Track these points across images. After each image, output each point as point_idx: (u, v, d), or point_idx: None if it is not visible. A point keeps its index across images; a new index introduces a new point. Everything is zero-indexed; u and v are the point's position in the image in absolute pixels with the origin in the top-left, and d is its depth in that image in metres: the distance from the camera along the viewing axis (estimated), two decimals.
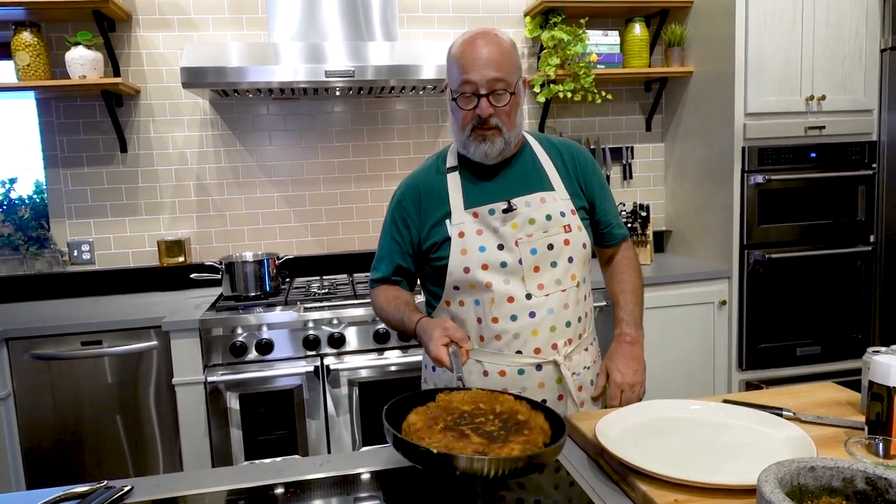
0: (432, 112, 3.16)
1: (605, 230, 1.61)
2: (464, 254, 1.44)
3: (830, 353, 2.95)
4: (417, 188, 1.53)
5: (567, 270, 1.47)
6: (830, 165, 2.86)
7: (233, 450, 2.40)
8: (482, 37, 1.40)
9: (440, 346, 1.29)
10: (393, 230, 1.55)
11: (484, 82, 1.37)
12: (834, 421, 1.22)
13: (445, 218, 1.47)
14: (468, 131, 1.42)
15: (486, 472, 0.91)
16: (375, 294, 1.59)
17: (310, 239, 3.11)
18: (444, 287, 1.48)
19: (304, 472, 1.20)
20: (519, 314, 1.43)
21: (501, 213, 1.45)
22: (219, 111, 2.98)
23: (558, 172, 1.53)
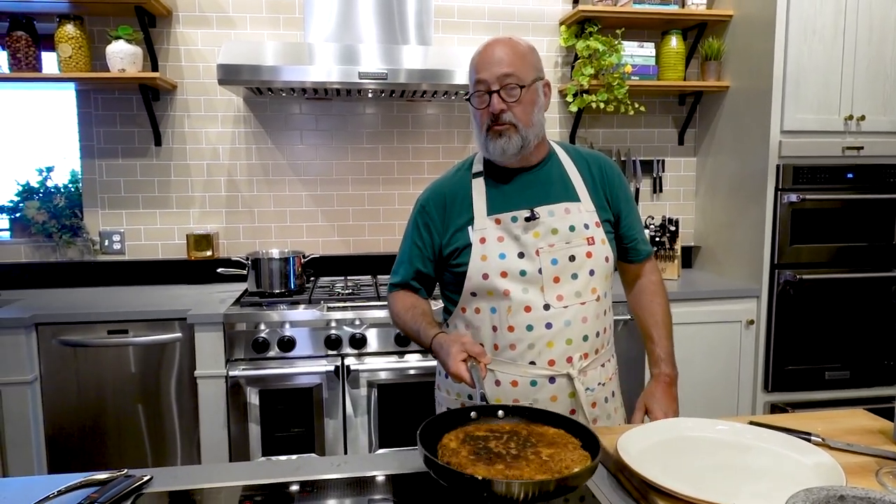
0: (463, 118, 3.16)
1: (629, 245, 1.58)
2: (483, 260, 1.43)
3: (860, 378, 2.88)
4: (442, 193, 1.53)
5: (588, 283, 1.45)
6: (867, 187, 2.79)
7: (250, 445, 2.41)
8: (497, 41, 1.44)
9: (459, 363, 1.27)
10: (415, 235, 1.55)
11: (494, 79, 1.39)
12: (864, 449, 1.19)
13: (468, 224, 1.47)
14: (485, 130, 1.43)
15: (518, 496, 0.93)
16: (393, 300, 1.59)
17: (336, 239, 3.12)
18: (462, 293, 1.47)
19: (322, 471, 1.20)
20: (535, 324, 1.42)
21: (524, 220, 1.43)
22: (252, 109, 3.02)
23: (585, 184, 1.52)
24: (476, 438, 1.10)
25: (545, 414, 1.18)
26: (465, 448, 1.06)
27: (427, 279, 1.57)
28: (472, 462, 1.01)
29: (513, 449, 1.05)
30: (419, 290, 1.58)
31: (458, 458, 1.02)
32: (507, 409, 1.20)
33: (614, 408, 1.55)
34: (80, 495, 1.07)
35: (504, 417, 1.19)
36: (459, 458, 1.02)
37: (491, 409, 1.20)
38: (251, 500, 1.11)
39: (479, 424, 1.17)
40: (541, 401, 1.42)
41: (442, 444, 1.08)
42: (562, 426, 1.14)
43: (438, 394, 1.62)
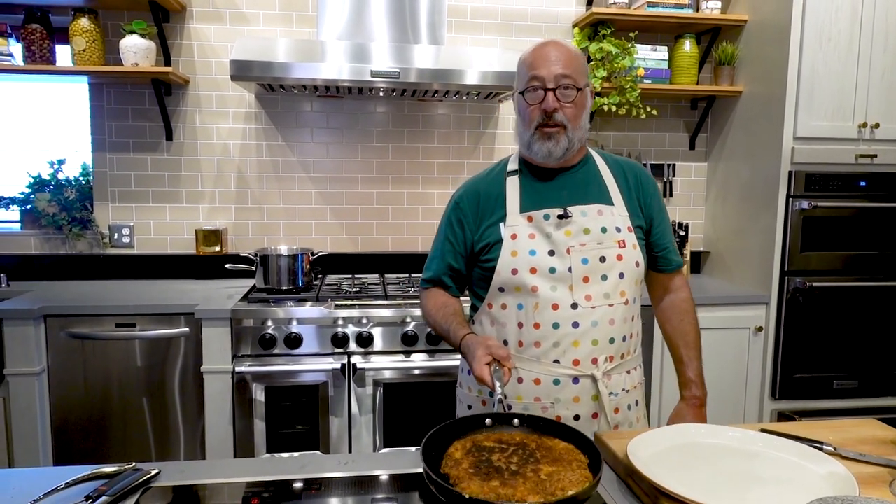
0: (474, 118, 3.16)
1: (660, 253, 1.58)
2: (513, 255, 1.44)
3: (868, 388, 2.85)
4: (477, 190, 1.54)
5: (617, 286, 1.45)
6: (880, 195, 2.77)
7: (255, 441, 2.41)
8: (553, 42, 1.45)
9: (483, 366, 1.28)
10: (448, 230, 1.56)
11: (552, 77, 1.40)
12: (877, 460, 1.18)
13: (500, 220, 1.48)
14: (533, 128, 1.43)
15: None
16: (425, 297, 1.60)
17: (344, 237, 3.12)
18: (489, 288, 1.48)
19: (327, 469, 1.19)
20: (562, 322, 1.41)
21: (556, 218, 1.44)
22: (263, 105, 3.02)
23: (619, 189, 1.53)
24: (481, 449, 1.11)
25: (558, 427, 1.18)
26: (467, 460, 1.08)
27: (459, 275, 1.58)
28: (470, 476, 1.03)
29: (513, 464, 1.07)
30: (450, 287, 1.59)
31: (458, 470, 1.05)
32: (521, 419, 1.21)
33: (637, 417, 1.53)
34: (88, 487, 1.07)
35: (519, 426, 1.20)
36: (459, 471, 1.04)
37: (506, 418, 1.21)
38: (257, 496, 1.11)
39: (491, 433, 1.18)
40: (563, 400, 1.42)
41: (448, 454, 1.10)
42: (573, 441, 1.14)
43: (460, 391, 1.63)
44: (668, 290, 1.63)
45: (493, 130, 3.18)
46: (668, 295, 1.63)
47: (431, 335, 2.45)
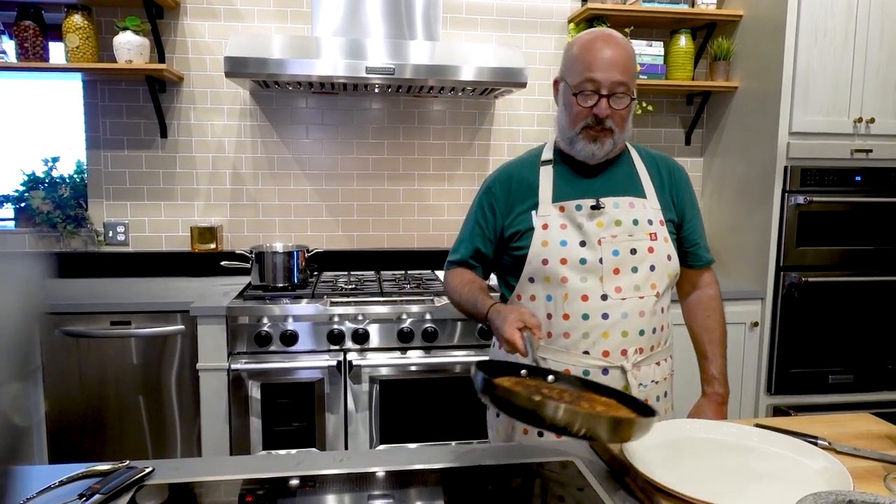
0: (469, 114, 3.15)
1: (690, 248, 1.59)
2: (544, 245, 1.44)
3: (863, 382, 2.86)
4: (510, 176, 1.54)
5: (647, 278, 1.45)
6: (876, 190, 2.78)
7: (251, 438, 2.41)
8: (609, 39, 1.41)
9: (514, 330, 1.26)
10: (479, 214, 1.56)
11: (608, 83, 1.39)
12: (871, 454, 1.18)
13: (532, 209, 1.48)
14: (579, 128, 1.43)
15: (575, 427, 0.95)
16: (450, 275, 1.61)
17: (340, 234, 3.12)
18: (520, 278, 1.48)
19: (323, 466, 1.19)
20: (591, 314, 1.42)
21: (589, 209, 1.45)
22: (258, 102, 3.01)
23: (653, 182, 1.53)
24: (529, 386, 1.12)
25: (595, 385, 1.19)
26: (519, 387, 1.08)
27: (486, 260, 1.58)
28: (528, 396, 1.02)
29: (566, 397, 1.08)
30: (476, 268, 1.59)
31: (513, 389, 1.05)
32: (557, 375, 1.21)
33: (665, 408, 1.54)
34: (82, 485, 1.07)
35: (554, 383, 1.20)
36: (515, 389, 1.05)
37: (541, 372, 1.21)
38: (252, 493, 1.11)
39: (530, 381, 1.18)
40: None
41: (496, 382, 1.09)
42: (613, 397, 1.15)
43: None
44: (697, 286, 1.63)
45: (489, 126, 3.17)
46: (696, 291, 1.63)
47: (428, 331, 2.45)
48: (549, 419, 0.95)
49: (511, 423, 1.52)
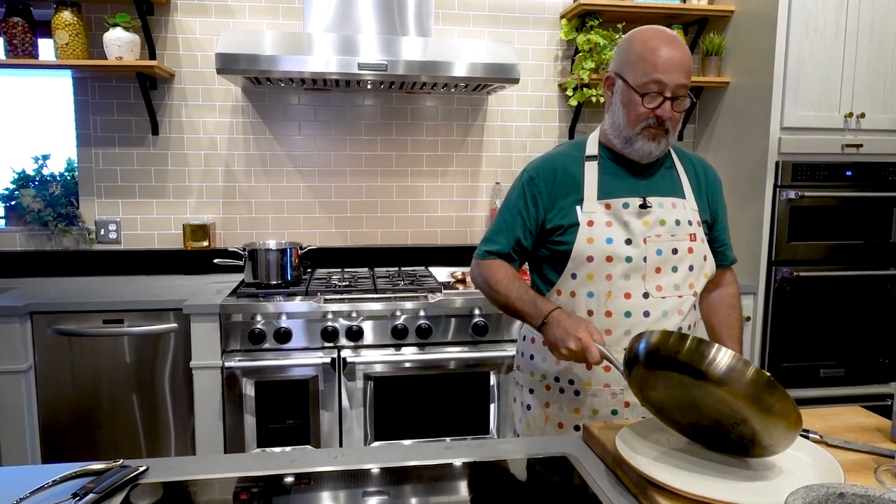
0: (462, 110, 3.15)
1: (719, 248, 1.61)
2: (590, 242, 1.44)
3: (855, 376, 2.88)
4: (553, 168, 1.52)
5: (686, 278, 1.47)
6: (866, 185, 2.79)
7: (245, 436, 2.41)
8: (673, 40, 1.41)
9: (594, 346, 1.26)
10: (521, 204, 1.52)
11: (674, 86, 1.39)
12: (862, 447, 1.19)
13: (576, 203, 1.47)
14: (640, 128, 1.42)
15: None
16: (490, 266, 1.53)
17: (333, 230, 3.11)
18: (562, 274, 1.48)
19: (318, 463, 1.19)
20: (634, 311, 1.44)
21: (638, 208, 1.45)
22: (250, 99, 3.00)
23: (690, 183, 1.55)
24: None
25: None
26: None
27: (524, 253, 1.56)
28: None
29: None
30: (515, 261, 1.56)
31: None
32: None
33: None
34: (76, 485, 1.06)
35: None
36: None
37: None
38: (247, 491, 1.11)
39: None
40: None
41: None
42: None
43: (520, 375, 1.62)
44: (719, 285, 1.65)
45: (482, 123, 3.17)
46: (717, 289, 1.65)
47: (422, 328, 2.45)
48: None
49: (544, 417, 1.53)
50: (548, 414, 1.51)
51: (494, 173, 3.19)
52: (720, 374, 1.01)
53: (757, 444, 1.03)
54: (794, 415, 0.98)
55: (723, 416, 1.03)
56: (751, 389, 0.99)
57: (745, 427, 1.01)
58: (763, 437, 1.01)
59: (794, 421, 0.99)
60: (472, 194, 3.20)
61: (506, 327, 2.52)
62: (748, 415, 0.99)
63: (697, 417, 1.07)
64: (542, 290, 1.54)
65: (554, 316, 1.35)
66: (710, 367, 1.02)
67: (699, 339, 1.07)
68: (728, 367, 1.02)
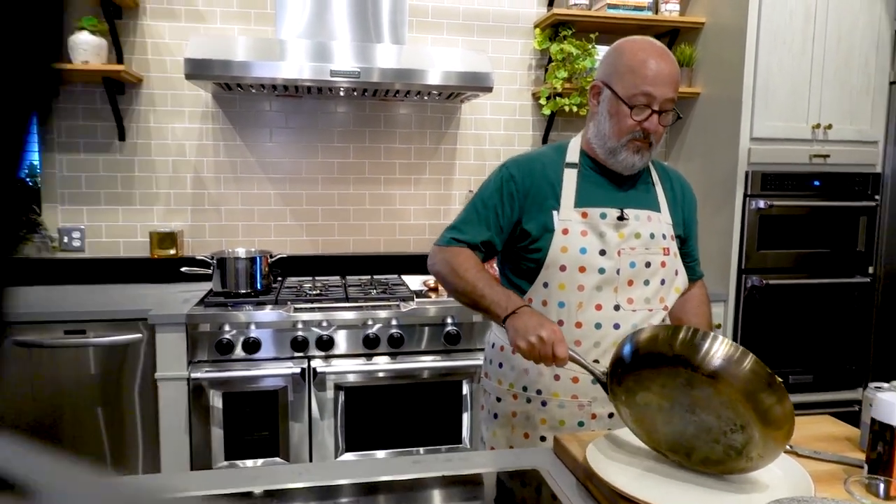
0: (436, 118, 3.14)
1: (689, 263, 1.61)
2: (564, 251, 1.42)
3: (823, 382, 2.92)
4: (533, 170, 1.49)
5: (657, 292, 1.46)
6: (833, 195, 2.84)
7: (213, 449, 2.35)
8: (663, 53, 1.40)
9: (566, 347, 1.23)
10: (496, 199, 1.49)
11: (662, 99, 1.38)
12: (832, 457, 1.19)
13: (552, 210, 1.45)
14: (626, 140, 1.41)
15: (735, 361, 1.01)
16: (455, 253, 1.46)
17: (304, 238, 3.07)
18: (533, 282, 1.45)
19: (282, 480, 1.16)
20: (604, 323, 1.42)
21: (615, 219, 1.44)
22: (221, 105, 2.95)
23: (667, 198, 1.54)
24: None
25: None
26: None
27: (491, 251, 1.51)
28: None
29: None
30: (481, 254, 1.50)
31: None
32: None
33: None
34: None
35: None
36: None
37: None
38: None
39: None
40: (600, 399, 1.42)
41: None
42: None
43: (487, 382, 1.59)
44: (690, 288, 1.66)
45: (455, 131, 3.16)
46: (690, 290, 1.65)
47: (394, 337, 2.42)
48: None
49: (510, 426, 1.50)
50: (514, 424, 1.49)
51: (468, 181, 3.18)
52: (716, 366, 1.00)
53: (744, 455, 1.01)
54: (790, 425, 0.98)
55: (720, 419, 1.01)
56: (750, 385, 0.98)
57: (741, 435, 1.00)
58: (754, 447, 1.00)
59: (787, 432, 0.98)
60: (446, 202, 3.18)
61: (478, 336, 2.51)
62: (748, 418, 0.98)
63: (686, 423, 1.05)
64: None
65: (525, 309, 1.31)
66: (706, 360, 1.01)
67: (694, 329, 1.06)
68: (725, 357, 1.01)
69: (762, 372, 0.99)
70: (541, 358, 1.23)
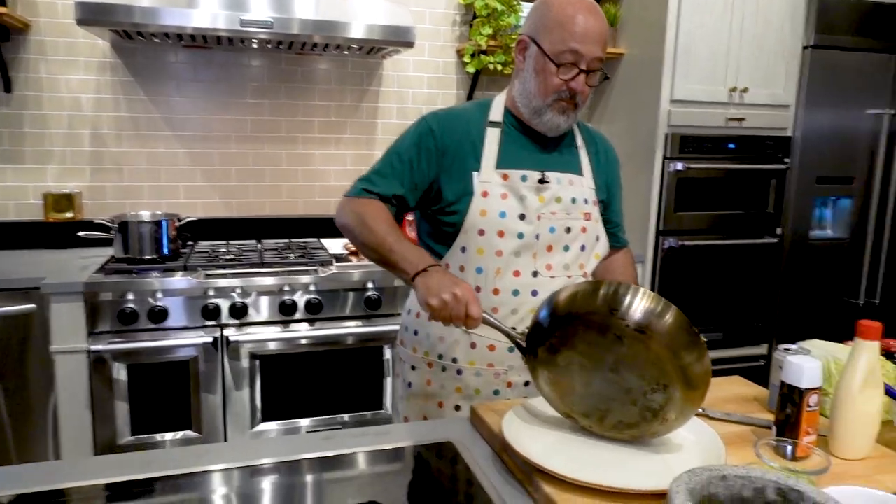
0: (356, 74, 3.00)
1: (611, 230, 1.56)
2: (483, 215, 1.35)
3: (732, 339, 3.03)
4: (453, 127, 1.41)
5: (577, 258, 1.42)
6: (747, 157, 2.91)
7: (117, 425, 2.22)
8: (592, 8, 1.33)
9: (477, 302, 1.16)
10: (413, 153, 1.40)
11: (591, 58, 1.32)
12: (742, 418, 1.21)
13: (472, 170, 1.38)
14: (551, 100, 1.34)
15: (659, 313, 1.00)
16: (371, 204, 1.37)
17: (217, 200, 2.91)
18: (451, 247, 1.39)
19: (186, 463, 1.07)
20: (521, 290, 1.37)
21: (536, 182, 1.38)
22: (121, 55, 2.72)
23: (590, 161, 1.49)
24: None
25: None
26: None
27: (403, 207, 1.42)
28: None
29: None
30: (393, 209, 1.41)
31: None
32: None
33: None
34: None
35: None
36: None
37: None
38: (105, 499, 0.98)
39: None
40: (516, 367, 1.38)
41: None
42: None
43: (403, 350, 1.52)
44: (616, 254, 1.60)
45: (377, 88, 3.04)
46: (614, 255, 1.59)
47: (312, 303, 2.33)
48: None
49: (425, 396, 1.46)
50: (429, 393, 1.44)
51: (390, 141, 3.06)
52: (639, 319, 0.99)
53: (659, 417, 1.01)
54: (706, 386, 0.98)
55: (643, 378, 1.00)
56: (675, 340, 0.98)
57: (661, 395, 0.99)
58: (672, 407, 1.00)
59: (703, 392, 0.99)
60: (367, 162, 3.05)
61: (400, 301, 2.45)
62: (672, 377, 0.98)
63: (606, 383, 1.03)
64: None
65: (437, 269, 1.23)
66: (629, 312, 1.00)
67: (617, 284, 1.04)
68: (649, 310, 0.99)
69: (687, 326, 0.98)
70: (452, 318, 1.15)
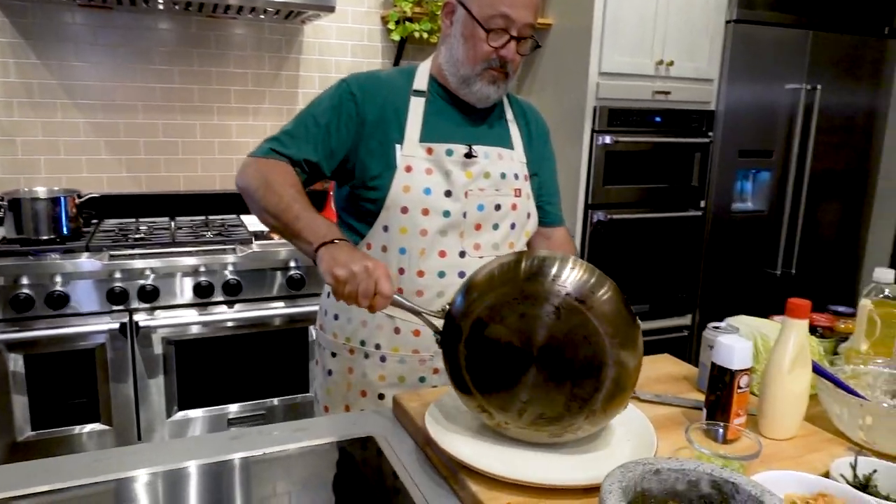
0: (275, 40, 2.83)
1: (542, 205, 1.46)
2: (406, 191, 1.26)
3: (657, 310, 3.08)
4: (376, 94, 1.30)
5: (506, 237, 1.34)
6: (672, 131, 2.92)
7: (15, 420, 2.04)
8: None
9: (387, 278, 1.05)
10: (331, 117, 1.28)
11: (522, 24, 1.24)
12: (672, 400, 1.19)
13: (394, 143, 1.28)
14: (480, 68, 1.26)
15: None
16: (278, 166, 1.25)
17: (124, 175, 2.70)
18: (372, 225, 1.29)
19: (74, 475, 0.96)
20: (448, 271, 1.29)
21: (462, 157, 1.29)
22: (7, 14, 2.46)
23: (520, 134, 1.41)
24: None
25: None
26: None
27: (315, 175, 1.31)
28: None
29: None
30: (303, 176, 1.29)
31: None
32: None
33: None
34: None
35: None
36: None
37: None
38: None
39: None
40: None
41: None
42: None
43: (322, 335, 1.42)
44: (552, 239, 1.50)
45: (298, 56, 2.88)
46: (550, 242, 1.50)
47: (230, 284, 2.20)
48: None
49: (346, 384, 1.37)
50: (350, 381, 1.36)
51: None
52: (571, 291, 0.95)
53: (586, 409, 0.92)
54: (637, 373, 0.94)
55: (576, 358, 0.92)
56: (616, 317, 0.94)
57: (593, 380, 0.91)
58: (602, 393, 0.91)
59: (634, 381, 0.94)
60: None
61: None
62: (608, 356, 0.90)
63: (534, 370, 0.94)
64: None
65: (347, 244, 1.11)
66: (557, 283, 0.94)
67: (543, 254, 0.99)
68: (581, 282, 0.95)
69: (623, 301, 0.95)
70: (359, 293, 1.03)
